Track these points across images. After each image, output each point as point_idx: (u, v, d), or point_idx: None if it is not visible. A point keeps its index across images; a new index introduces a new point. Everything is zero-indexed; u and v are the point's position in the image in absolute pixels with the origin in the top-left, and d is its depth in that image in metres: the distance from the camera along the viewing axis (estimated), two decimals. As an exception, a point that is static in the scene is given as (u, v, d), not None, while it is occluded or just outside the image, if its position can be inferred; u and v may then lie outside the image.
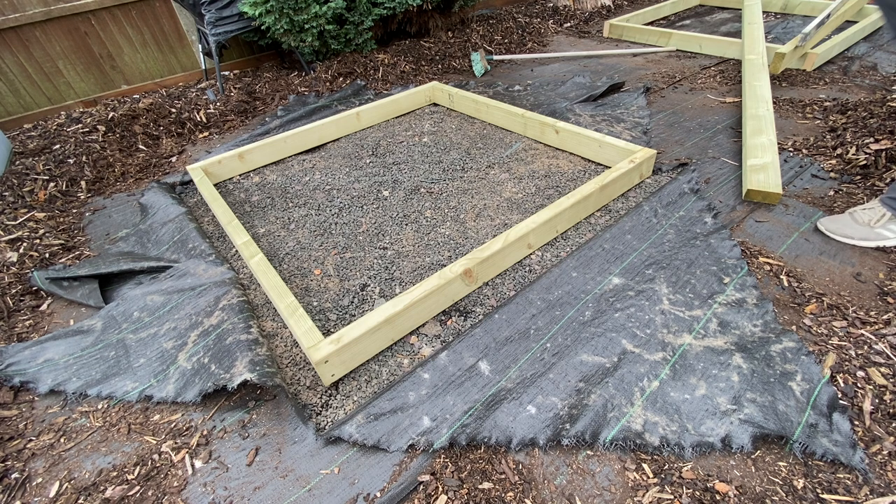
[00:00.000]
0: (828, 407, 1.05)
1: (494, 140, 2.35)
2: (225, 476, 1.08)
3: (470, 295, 1.48)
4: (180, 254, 1.74)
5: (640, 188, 1.88)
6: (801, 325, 1.27)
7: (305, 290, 1.57)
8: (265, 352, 1.26)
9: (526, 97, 2.77)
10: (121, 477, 1.09)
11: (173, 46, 3.33)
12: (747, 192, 1.74)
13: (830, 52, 2.74)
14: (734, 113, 2.35)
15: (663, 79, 2.84)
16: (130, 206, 2.17)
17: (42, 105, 3.04)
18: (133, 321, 1.47)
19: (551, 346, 1.27)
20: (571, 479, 1.01)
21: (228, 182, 2.26)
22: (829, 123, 2.13)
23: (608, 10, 4.34)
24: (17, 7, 2.75)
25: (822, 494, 0.93)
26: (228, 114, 2.93)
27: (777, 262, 1.47)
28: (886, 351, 1.17)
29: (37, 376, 1.33)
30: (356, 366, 1.28)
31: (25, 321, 1.57)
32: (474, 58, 3.24)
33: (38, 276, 1.68)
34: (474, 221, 1.80)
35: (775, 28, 3.36)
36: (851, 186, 1.75)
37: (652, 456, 1.03)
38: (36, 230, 1.98)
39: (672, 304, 1.35)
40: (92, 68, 3.11)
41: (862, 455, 0.97)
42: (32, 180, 2.32)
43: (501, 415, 1.11)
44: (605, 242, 1.60)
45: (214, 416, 1.21)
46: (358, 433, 1.11)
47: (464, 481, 1.01)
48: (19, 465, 1.14)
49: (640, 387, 1.14)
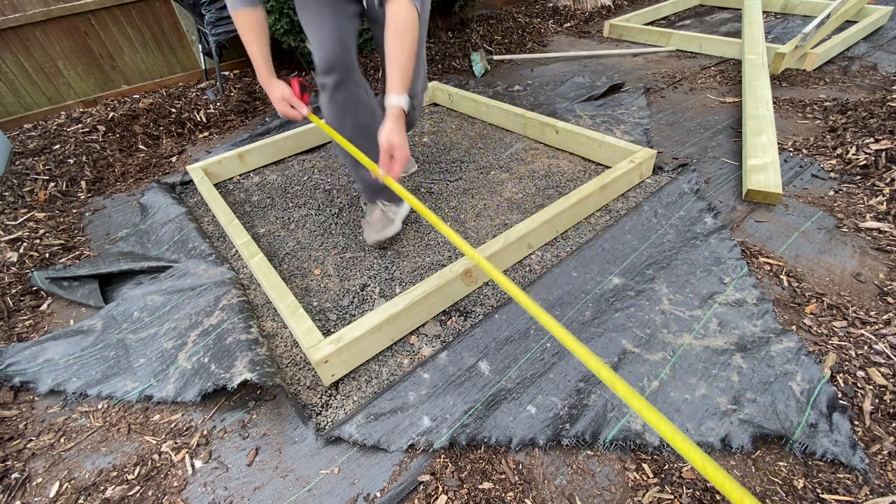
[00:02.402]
0: (828, 407, 1.05)
1: (494, 140, 2.35)
2: (225, 476, 1.08)
3: (470, 295, 1.48)
4: (180, 254, 1.74)
5: (641, 188, 1.88)
6: (801, 325, 1.27)
7: (305, 290, 1.57)
8: (265, 352, 1.26)
9: (526, 97, 2.77)
10: (121, 477, 1.09)
11: (173, 46, 3.33)
12: (747, 192, 1.74)
13: (830, 52, 2.74)
14: (734, 113, 2.35)
15: (663, 79, 2.84)
16: (130, 206, 2.17)
17: (42, 105, 3.04)
18: (133, 321, 1.47)
19: (551, 345, 1.27)
20: (571, 479, 1.01)
21: (228, 182, 2.26)
22: (829, 123, 2.13)
23: (608, 10, 4.34)
24: (17, 7, 2.75)
25: (822, 494, 0.93)
26: (228, 114, 2.93)
27: (777, 262, 1.47)
28: (886, 351, 1.17)
29: (37, 376, 1.33)
30: (356, 366, 1.28)
31: (25, 321, 1.57)
32: (474, 58, 3.24)
33: (38, 276, 1.68)
34: (474, 221, 1.80)
35: (775, 28, 3.36)
36: (851, 186, 1.75)
37: (652, 456, 1.03)
38: (36, 230, 1.98)
39: (672, 304, 1.35)
40: (92, 68, 3.11)
41: (862, 455, 0.97)
42: (32, 180, 2.32)
43: (501, 415, 1.11)
44: (605, 242, 1.60)
45: (214, 416, 1.21)
46: (358, 433, 1.11)
47: (464, 481, 1.01)
48: (19, 465, 1.14)
49: (640, 387, 1.14)
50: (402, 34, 1.15)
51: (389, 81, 1.16)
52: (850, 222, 1.59)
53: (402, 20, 1.15)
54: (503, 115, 2.39)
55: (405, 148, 1.15)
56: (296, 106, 1.36)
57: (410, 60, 1.17)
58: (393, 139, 1.13)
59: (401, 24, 1.15)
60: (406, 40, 1.15)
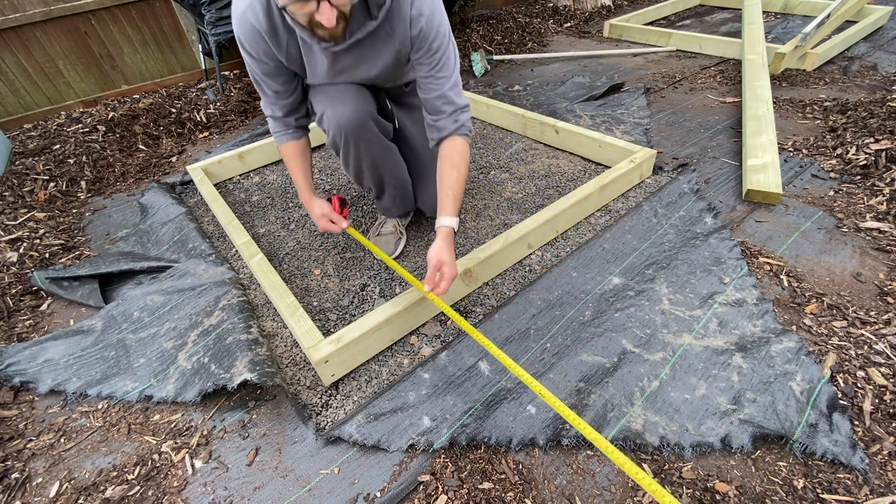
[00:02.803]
0: (828, 407, 1.05)
1: (494, 140, 2.35)
2: (225, 476, 1.08)
3: (470, 295, 1.48)
4: (180, 254, 1.74)
5: (641, 188, 1.88)
6: (801, 325, 1.27)
7: (305, 289, 1.57)
8: (265, 352, 1.26)
9: (526, 97, 2.77)
10: (121, 477, 1.09)
11: (173, 46, 3.33)
12: (747, 192, 1.74)
13: (830, 52, 2.74)
14: (734, 113, 2.35)
15: (663, 79, 2.84)
16: (130, 206, 2.17)
17: (42, 105, 3.04)
18: (133, 321, 1.47)
19: (551, 345, 1.27)
20: (571, 478, 1.01)
21: (228, 182, 2.26)
22: (829, 123, 2.13)
23: (608, 10, 4.34)
24: (17, 7, 2.75)
25: (822, 494, 0.93)
26: (228, 114, 2.93)
27: (777, 262, 1.47)
28: (886, 351, 1.17)
29: (37, 376, 1.33)
30: (356, 366, 1.28)
31: (25, 321, 1.57)
32: (474, 58, 3.24)
33: (38, 276, 1.68)
34: (474, 221, 1.80)
35: (775, 28, 3.36)
36: (851, 186, 1.75)
37: (652, 456, 1.03)
38: (36, 230, 1.98)
39: (672, 304, 1.35)
40: (92, 68, 3.10)
41: (862, 455, 0.97)
42: (32, 180, 2.32)
43: (501, 415, 1.11)
44: (605, 242, 1.60)
45: (214, 416, 1.21)
46: (358, 433, 1.11)
47: (464, 481, 1.01)
48: (19, 465, 1.14)
49: (640, 387, 1.14)
50: (458, 166, 1.25)
51: (442, 205, 1.24)
52: (850, 222, 1.59)
53: (457, 154, 1.26)
54: (503, 115, 2.39)
55: (454, 266, 1.18)
56: (335, 221, 1.43)
57: (462, 188, 1.27)
58: (443, 256, 1.16)
59: (457, 158, 1.26)
60: (461, 171, 1.26)
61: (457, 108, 1.26)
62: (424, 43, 1.18)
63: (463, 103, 1.27)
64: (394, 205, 1.63)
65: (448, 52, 1.22)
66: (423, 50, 1.19)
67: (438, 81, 1.23)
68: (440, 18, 1.18)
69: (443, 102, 1.24)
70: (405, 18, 1.15)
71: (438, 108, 1.25)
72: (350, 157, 1.40)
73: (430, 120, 1.29)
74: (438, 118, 1.27)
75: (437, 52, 1.19)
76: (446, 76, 1.23)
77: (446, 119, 1.26)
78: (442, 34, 1.19)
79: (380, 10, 1.12)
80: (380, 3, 1.12)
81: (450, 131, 1.26)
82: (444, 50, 1.20)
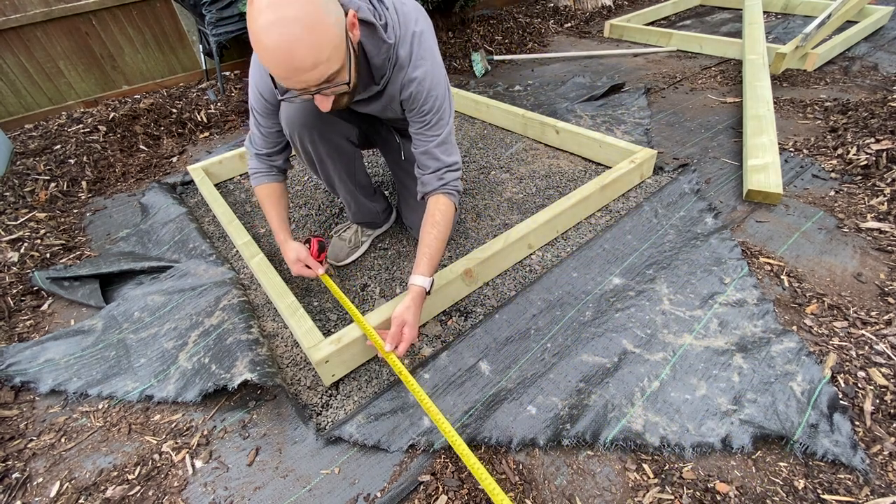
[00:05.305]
0: (828, 407, 1.05)
1: (495, 140, 2.35)
2: (225, 476, 1.08)
3: (470, 295, 1.48)
4: (181, 254, 1.74)
5: (641, 188, 1.88)
6: (801, 326, 1.27)
7: (306, 290, 1.57)
8: (266, 352, 1.27)
9: (526, 97, 2.77)
10: (121, 477, 1.10)
11: (174, 47, 3.33)
12: (748, 192, 1.74)
13: (831, 52, 2.74)
14: (735, 113, 2.35)
15: (664, 79, 2.84)
16: (131, 206, 2.17)
17: (43, 105, 3.05)
18: (134, 321, 1.47)
19: (552, 346, 1.27)
20: (572, 479, 1.01)
21: (229, 182, 2.26)
22: (830, 124, 2.12)
23: (609, 11, 4.34)
24: (18, 7, 2.76)
25: (822, 495, 0.93)
26: (229, 114, 2.93)
27: (778, 262, 1.47)
28: (887, 351, 1.17)
29: (37, 376, 1.33)
30: (357, 366, 1.28)
31: (26, 321, 1.57)
32: (474, 58, 3.24)
33: (38, 276, 1.68)
34: (474, 221, 1.80)
35: (776, 28, 3.36)
36: (852, 187, 1.75)
37: (652, 456, 1.03)
38: (37, 230, 1.98)
39: (672, 305, 1.35)
40: (93, 68, 3.11)
41: (863, 455, 0.97)
42: (33, 180, 2.33)
43: (502, 415, 1.11)
44: (605, 243, 1.60)
45: (215, 416, 1.21)
46: (358, 433, 1.11)
47: (464, 481, 1.01)
48: (20, 465, 1.14)
49: (641, 387, 1.14)
50: (439, 224, 1.24)
51: (418, 263, 1.21)
52: (851, 222, 1.59)
53: (439, 213, 1.25)
54: (503, 115, 2.39)
55: (415, 329, 1.15)
56: (311, 266, 1.39)
57: (442, 248, 1.25)
58: (407, 317, 1.14)
59: (438, 217, 1.24)
60: (441, 230, 1.24)
61: (443, 165, 1.26)
62: (415, 104, 1.20)
63: (450, 161, 1.27)
64: (349, 210, 1.61)
65: (440, 113, 1.23)
66: (415, 110, 1.22)
67: (427, 138, 1.24)
68: (434, 82, 1.19)
69: (428, 158, 1.26)
70: (398, 83, 1.18)
71: (424, 162, 1.27)
72: (300, 151, 1.39)
73: (417, 173, 1.31)
74: (423, 173, 1.28)
75: (427, 113, 1.21)
76: (436, 135, 1.24)
77: (430, 175, 1.27)
78: (434, 97, 1.20)
79: (382, 79, 1.16)
80: (382, 73, 1.15)
81: (433, 188, 1.26)
82: (434, 111, 1.21)
